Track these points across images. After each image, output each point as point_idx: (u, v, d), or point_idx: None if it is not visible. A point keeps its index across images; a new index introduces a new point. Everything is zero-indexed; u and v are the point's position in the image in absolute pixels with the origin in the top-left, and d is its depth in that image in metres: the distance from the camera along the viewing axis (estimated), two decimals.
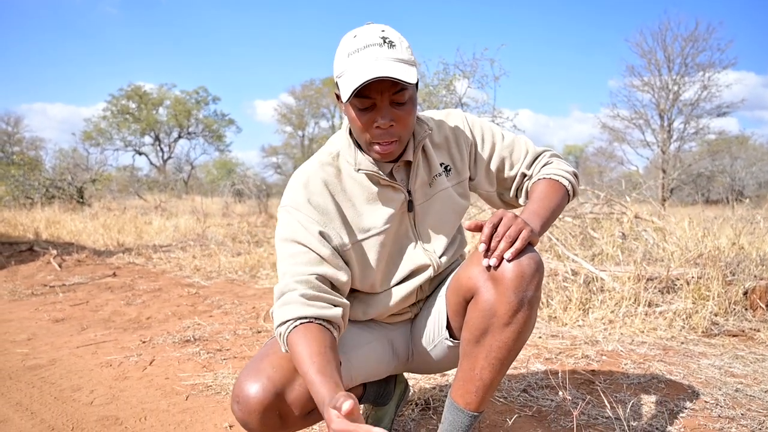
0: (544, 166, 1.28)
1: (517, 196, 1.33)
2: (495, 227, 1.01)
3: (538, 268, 1.03)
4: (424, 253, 1.24)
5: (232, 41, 61.66)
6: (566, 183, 1.23)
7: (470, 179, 1.31)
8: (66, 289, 4.12)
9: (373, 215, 1.19)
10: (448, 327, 1.23)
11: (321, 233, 1.14)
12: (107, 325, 3.05)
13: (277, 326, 1.08)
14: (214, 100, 34.04)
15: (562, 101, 62.70)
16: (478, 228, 1.03)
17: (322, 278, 1.12)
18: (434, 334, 1.27)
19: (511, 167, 1.30)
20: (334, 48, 1.15)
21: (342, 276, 1.14)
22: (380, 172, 1.17)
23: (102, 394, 2.00)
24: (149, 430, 1.69)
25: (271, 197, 12.26)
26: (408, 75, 1.04)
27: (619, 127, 21.71)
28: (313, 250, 1.12)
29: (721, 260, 3.05)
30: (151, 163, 33.12)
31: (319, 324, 1.06)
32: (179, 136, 33.47)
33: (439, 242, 1.26)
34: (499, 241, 1.01)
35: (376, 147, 1.12)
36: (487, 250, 1.02)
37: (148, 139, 32.95)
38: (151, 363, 2.33)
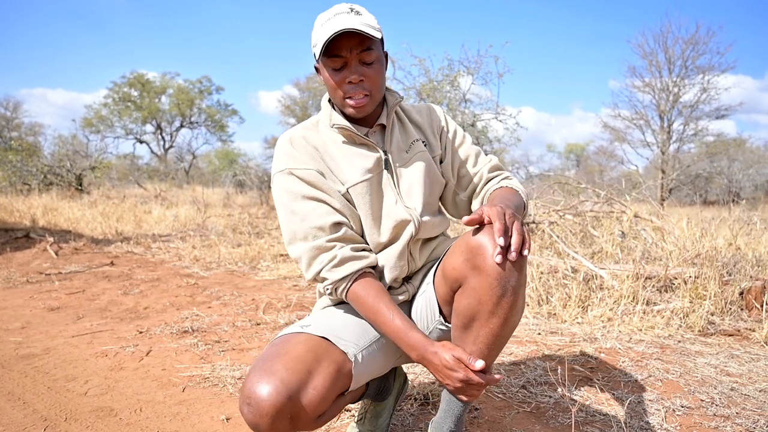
0: (504, 179, 1.36)
1: (470, 200, 1.39)
2: (504, 223, 1.01)
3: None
4: (405, 210, 1.27)
5: (237, 31, 61.40)
6: (524, 197, 1.29)
7: (441, 161, 1.38)
8: (62, 278, 4.10)
9: (350, 168, 1.25)
10: (441, 313, 1.24)
11: (324, 183, 1.22)
12: (104, 315, 3.04)
13: (334, 283, 1.18)
14: (218, 90, 33.78)
15: (565, 99, 62.70)
16: (478, 222, 1.04)
17: (345, 225, 1.21)
18: (429, 320, 1.27)
19: (474, 165, 1.38)
20: None
21: (355, 220, 1.25)
22: (353, 127, 1.25)
23: (97, 384, 1.99)
24: (144, 422, 1.68)
25: None
26: (372, 31, 1.15)
27: (620, 127, 21.74)
28: (325, 202, 1.21)
29: (718, 260, 3.06)
30: (152, 151, 32.95)
31: (371, 273, 1.21)
32: (181, 126, 33.25)
33: (418, 201, 1.29)
34: (511, 236, 1.01)
35: (350, 101, 1.21)
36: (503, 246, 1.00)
37: (149, 128, 32.73)
38: (147, 354, 2.32)
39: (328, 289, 1.20)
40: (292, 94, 33.79)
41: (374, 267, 1.24)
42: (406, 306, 1.34)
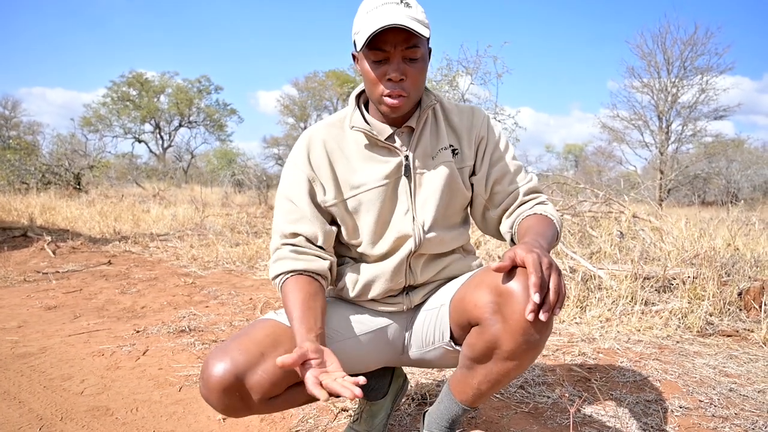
0: (539, 203, 1.26)
1: (500, 218, 1.29)
2: (541, 275, 0.93)
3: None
4: (412, 224, 1.23)
5: (236, 31, 61.40)
6: (557, 226, 1.21)
7: (473, 173, 1.29)
8: (59, 276, 4.09)
9: (366, 172, 1.22)
10: (452, 336, 1.22)
11: (307, 188, 1.22)
12: (101, 314, 3.02)
13: (273, 279, 1.22)
14: (217, 90, 33.81)
15: (563, 100, 62.82)
16: (510, 268, 0.98)
17: (308, 236, 1.22)
18: (434, 338, 1.25)
19: (510, 183, 1.27)
20: (340, 40, 1.21)
21: (320, 237, 1.22)
22: (373, 131, 1.21)
23: (93, 383, 1.98)
24: (140, 422, 1.67)
25: (272, 188, 12.15)
26: (420, 29, 1.08)
27: (619, 128, 21.77)
28: (299, 207, 1.22)
29: (716, 261, 3.06)
30: (151, 151, 32.91)
31: (309, 275, 1.19)
32: (180, 125, 33.22)
33: (430, 214, 1.24)
34: (547, 292, 0.93)
35: (386, 99, 1.15)
36: (537, 302, 0.94)
37: (148, 127, 32.70)
38: (144, 353, 2.31)
39: (273, 282, 1.25)
40: (291, 93, 33.79)
41: (318, 272, 1.20)
42: (405, 315, 1.32)
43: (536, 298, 0.92)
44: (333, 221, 1.26)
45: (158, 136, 33.10)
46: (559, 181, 5.65)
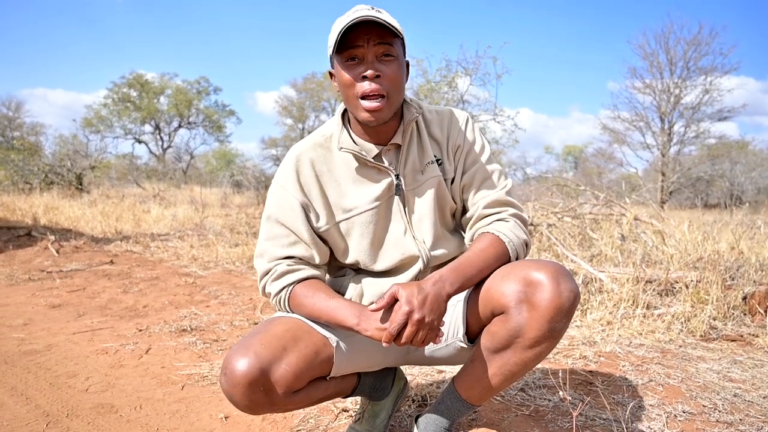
0: (499, 220, 1.22)
1: (465, 229, 1.29)
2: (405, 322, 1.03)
3: (575, 302, 1.06)
4: (414, 243, 1.23)
5: (234, 32, 61.48)
6: (512, 248, 1.17)
7: (452, 181, 1.28)
8: (63, 275, 4.10)
9: (357, 195, 1.22)
10: (466, 333, 1.23)
11: (303, 214, 1.21)
12: (104, 313, 3.04)
13: (276, 295, 1.21)
14: (216, 91, 33.87)
15: (562, 101, 62.74)
16: (385, 306, 1.06)
17: (304, 258, 1.21)
18: (447, 334, 1.26)
19: (476, 192, 1.25)
20: None
21: (316, 257, 1.22)
22: (362, 152, 1.19)
23: (97, 381, 1.99)
24: (144, 419, 1.68)
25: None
26: (392, 23, 1.08)
27: (620, 129, 21.73)
28: (293, 233, 1.21)
29: (720, 264, 3.04)
30: (151, 151, 32.97)
31: (313, 279, 1.21)
32: (179, 126, 33.28)
33: (428, 233, 1.24)
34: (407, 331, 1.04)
35: (364, 103, 1.12)
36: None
37: (148, 128, 32.77)
38: (147, 351, 2.32)
39: (274, 302, 1.23)
40: (289, 94, 33.81)
41: (320, 279, 1.24)
42: None
43: (391, 329, 1.03)
44: (325, 241, 1.26)
45: (158, 137, 33.18)
46: (559, 183, 5.65)
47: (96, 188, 13.10)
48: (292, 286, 1.19)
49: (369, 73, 1.10)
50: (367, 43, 1.09)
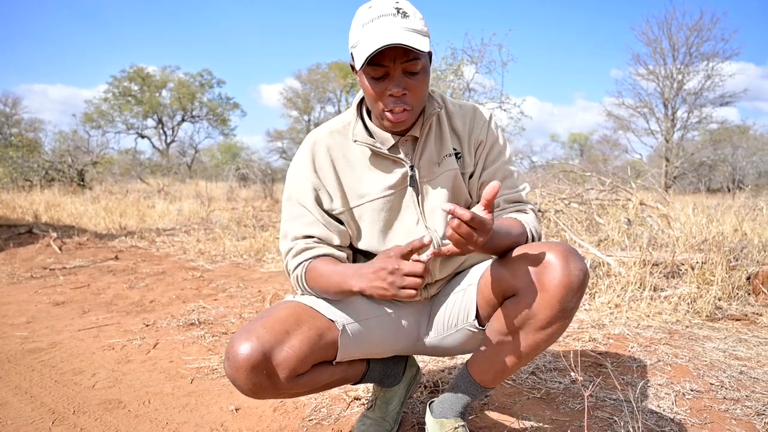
0: (518, 211, 1.25)
1: None
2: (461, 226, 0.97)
3: (585, 281, 1.07)
4: (426, 232, 1.23)
5: (237, 24, 61.15)
6: (530, 233, 1.20)
7: (470, 176, 1.29)
8: (66, 272, 4.10)
9: (371, 182, 1.23)
10: (477, 317, 1.23)
11: (314, 195, 1.23)
12: (109, 309, 3.04)
13: (294, 270, 1.22)
14: (219, 84, 33.73)
15: (567, 90, 62.46)
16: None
17: (322, 237, 1.23)
18: (458, 319, 1.27)
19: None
20: (341, 32, 1.17)
21: (336, 238, 1.24)
22: (377, 145, 1.20)
23: (104, 377, 1.98)
24: (153, 414, 1.67)
25: (276, 182, 12.17)
26: (420, 43, 1.05)
27: (624, 116, 21.71)
28: (312, 213, 1.23)
29: (724, 246, 3.05)
30: (154, 146, 32.93)
31: (330, 257, 1.22)
32: (183, 120, 33.18)
33: (441, 223, 1.24)
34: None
35: (389, 115, 1.13)
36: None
37: (150, 122, 32.68)
38: (154, 346, 2.32)
39: (293, 279, 1.24)
40: (293, 86, 33.67)
41: (339, 259, 1.24)
42: (423, 303, 1.35)
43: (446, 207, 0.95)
44: (343, 225, 1.28)
45: (161, 131, 33.09)
46: (565, 170, 5.63)
47: (98, 184, 13.07)
48: (308, 262, 1.21)
49: (395, 91, 1.09)
50: (393, 62, 1.07)
